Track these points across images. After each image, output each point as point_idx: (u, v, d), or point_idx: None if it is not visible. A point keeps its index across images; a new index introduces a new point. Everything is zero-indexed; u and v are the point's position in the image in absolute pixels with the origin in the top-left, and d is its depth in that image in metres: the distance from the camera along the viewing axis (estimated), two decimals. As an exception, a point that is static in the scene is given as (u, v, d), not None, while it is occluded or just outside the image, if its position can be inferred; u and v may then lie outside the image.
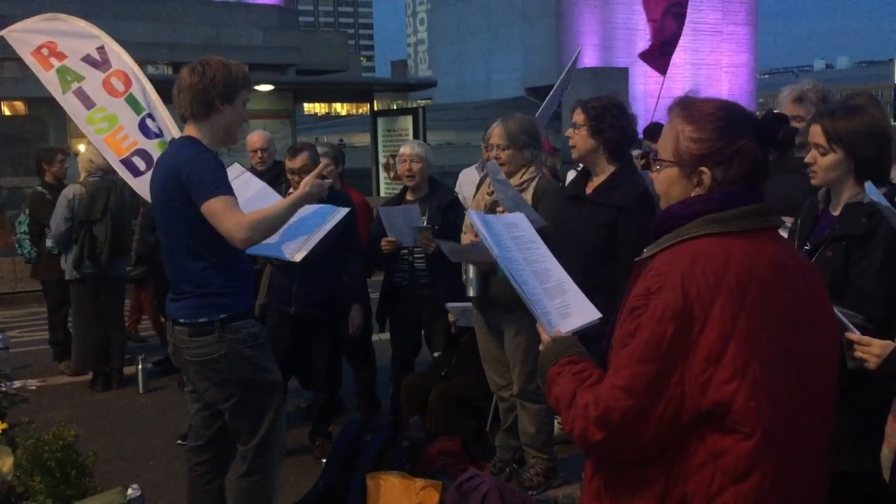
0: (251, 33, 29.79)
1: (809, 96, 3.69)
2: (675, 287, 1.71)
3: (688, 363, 1.69)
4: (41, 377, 6.96)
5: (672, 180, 1.89)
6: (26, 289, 10.17)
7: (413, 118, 13.58)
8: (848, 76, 75.89)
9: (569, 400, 1.82)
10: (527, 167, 4.26)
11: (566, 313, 2.10)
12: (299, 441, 5.09)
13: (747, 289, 1.72)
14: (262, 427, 3.27)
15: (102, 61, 5.15)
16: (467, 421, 4.90)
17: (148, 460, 5.08)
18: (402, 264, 5.13)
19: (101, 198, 6.41)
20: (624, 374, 1.73)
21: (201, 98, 3.15)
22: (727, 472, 1.70)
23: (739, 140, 1.82)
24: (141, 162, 5.08)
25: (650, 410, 1.70)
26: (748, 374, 1.68)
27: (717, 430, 1.70)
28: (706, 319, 1.69)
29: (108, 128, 5.11)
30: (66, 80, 5.13)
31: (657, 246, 1.85)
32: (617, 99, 3.91)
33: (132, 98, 5.17)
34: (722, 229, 1.78)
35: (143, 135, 5.11)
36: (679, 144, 1.85)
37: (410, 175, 5.07)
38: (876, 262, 2.52)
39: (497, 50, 42.94)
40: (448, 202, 5.12)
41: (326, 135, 32.54)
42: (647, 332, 1.71)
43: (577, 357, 1.92)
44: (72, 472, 3.05)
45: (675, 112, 1.90)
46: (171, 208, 3.16)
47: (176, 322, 3.24)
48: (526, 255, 2.25)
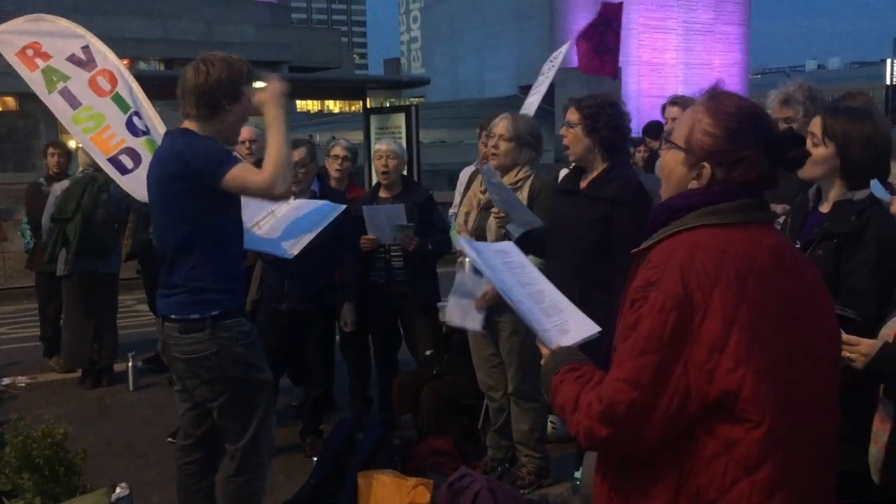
0: (244, 30, 29.73)
1: (796, 97, 3.71)
2: (674, 277, 1.71)
3: (691, 353, 1.69)
4: (31, 374, 6.93)
5: (675, 163, 1.90)
6: (16, 285, 10.14)
7: (406, 116, 13.55)
8: (840, 76, 76.17)
9: (573, 403, 1.80)
10: (522, 166, 4.25)
11: (565, 329, 2.12)
12: (290, 439, 5.08)
13: (746, 279, 1.72)
14: (252, 426, 3.24)
15: (88, 60, 5.13)
16: (459, 420, 4.90)
17: (138, 458, 5.05)
18: (379, 262, 5.12)
19: (74, 196, 6.32)
20: (627, 367, 1.72)
21: (208, 100, 3.11)
22: (740, 462, 1.69)
23: (746, 149, 1.82)
24: (128, 160, 5.07)
25: (655, 402, 1.68)
26: (752, 362, 1.68)
27: (726, 421, 1.70)
28: (707, 308, 1.69)
29: (94, 126, 5.10)
30: (52, 81, 5.11)
31: (655, 238, 1.85)
32: (611, 97, 3.90)
33: (118, 97, 5.16)
34: (720, 221, 1.79)
35: (131, 133, 5.09)
36: (693, 133, 1.86)
37: (386, 172, 5.06)
38: (867, 259, 2.52)
39: (490, 48, 42.98)
40: (424, 200, 5.13)
41: (319, 132, 32.50)
42: (648, 323, 1.71)
43: (578, 364, 1.91)
44: (61, 470, 3.04)
45: (701, 100, 1.91)
46: (170, 201, 3.12)
47: (166, 318, 3.20)
48: (519, 278, 2.29)
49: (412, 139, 12.85)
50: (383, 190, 5.18)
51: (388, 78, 48.36)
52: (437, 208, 5.27)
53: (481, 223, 4.28)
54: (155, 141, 5.09)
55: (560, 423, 5.09)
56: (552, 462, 4.52)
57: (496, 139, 4.25)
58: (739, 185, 1.82)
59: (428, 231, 4.98)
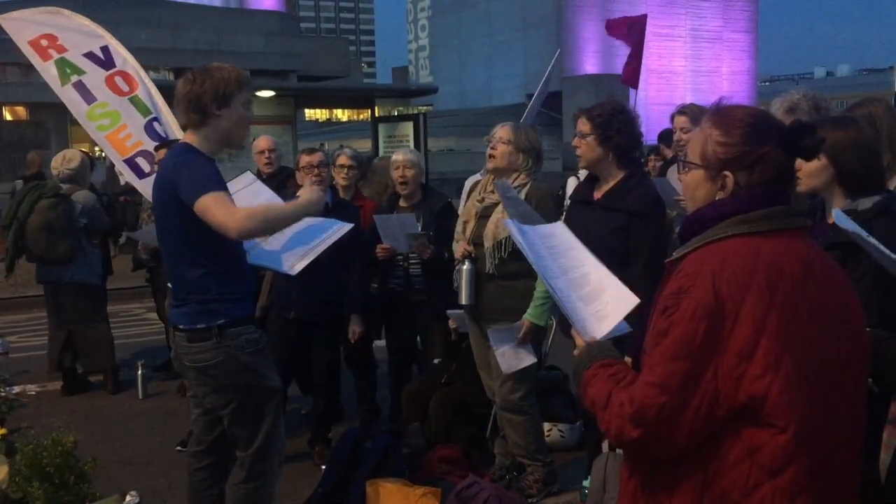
0: (253, 39, 29.86)
1: (801, 106, 3.70)
2: (706, 285, 1.74)
3: (721, 359, 1.72)
4: (40, 382, 6.94)
5: (698, 182, 1.93)
6: (26, 294, 10.18)
7: (414, 124, 13.64)
8: (849, 84, 75.83)
9: (604, 401, 1.84)
10: (519, 173, 4.26)
11: (603, 315, 2.12)
12: (299, 447, 5.08)
13: (776, 287, 1.75)
14: (261, 433, 3.27)
15: (106, 60, 5.06)
16: (467, 428, 4.89)
17: (147, 466, 5.07)
18: (398, 271, 5.13)
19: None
20: (658, 372, 1.75)
21: (195, 105, 3.14)
22: (764, 466, 1.73)
23: (764, 146, 1.85)
24: (145, 164, 5.05)
25: (685, 406, 1.72)
26: (780, 369, 1.71)
27: (752, 425, 1.73)
28: (737, 316, 1.72)
29: (109, 125, 5.02)
30: (66, 73, 5.02)
31: (687, 247, 1.89)
32: (619, 103, 3.91)
33: (138, 100, 5.09)
34: (751, 229, 1.82)
35: (150, 137, 5.06)
36: (706, 148, 1.90)
37: (404, 182, 5.07)
38: (870, 270, 2.52)
39: (498, 56, 43.06)
40: (441, 207, 5.14)
41: (327, 141, 32.59)
42: (679, 330, 1.74)
43: (611, 360, 1.94)
44: (70, 479, 3.04)
45: (706, 116, 1.96)
46: (168, 216, 3.17)
47: (176, 328, 3.25)
48: (563, 262, 2.29)
49: (420, 147, 12.90)
50: (402, 199, 5.19)
51: (396, 87, 48.45)
52: (455, 215, 5.26)
53: (479, 231, 4.29)
54: None
55: (568, 432, 5.08)
56: (560, 471, 4.51)
57: (495, 141, 4.27)
58: (763, 186, 1.85)
59: (445, 239, 4.98)
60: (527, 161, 4.25)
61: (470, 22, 45.26)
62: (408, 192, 5.13)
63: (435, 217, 5.05)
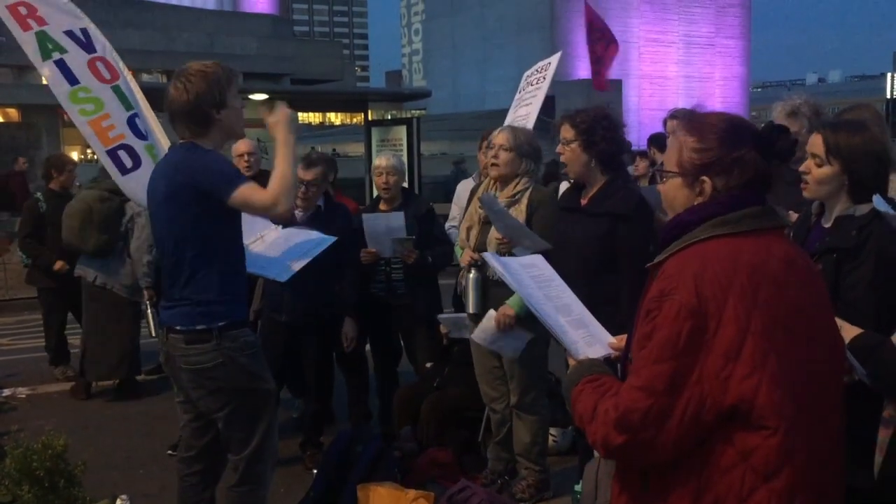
0: (246, 42, 29.85)
1: (803, 110, 3.71)
2: (688, 287, 1.74)
3: (706, 361, 1.71)
4: (31, 385, 6.91)
5: (676, 190, 1.94)
6: (17, 296, 10.14)
7: (407, 128, 13.59)
8: (840, 90, 76.20)
9: (591, 413, 1.83)
10: (521, 177, 4.26)
11: (591, 342, 2.17)
12: (290, 451, 5.06)
13: (759, 286, 1.76)
14: (255, 436, 3.25)
15: (87, 43, 4.89)
16: (459, 432, 4.89)
17: (138, 469, 5.05)
18: (380, 275, 5.12)
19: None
20: (642, 375, 1.75)
21: (196, 117, 3.13)
22: (758, 470, 1.71)
23: (739, 150, 1.86)
24: (127, 158, 4.86)
25: (670, 409, 1.71)
26: (767, 369, 1.71)
27: (743, 429, 1.72)
28: (721, 317, 1.72)
29: (92, 111, 4.82)
30: (47, 48, 4.82)
31: (668, 251, 1.89)
32: (602, 109, 3.88)
33: (119, 90, 4.91)
34: (730, 230, 1.83)
35: (132, 132, 4.87)
36: (682, 155, 1.91)
37: (387, 187, 5.07)
38: (866, 274, 2.52)
39: (491, 60, 43.02)
40: (423, 212, 5.14)
41: (320, 144, 32.58)
42: (663, 332, 1.74)
43: (598, 374, 1.94)
44: (60, 482, 3.03)
45: (679, 124, 1.96)
46: (177, 214, 3.12)
47: (171, 329, 3.20)
48: (546, 292, 2.33)
49: (413, 151, 12.88)
50: (383, 203, 5.18)
51: (389, 90, 48.50)
52: (437, 220, 5.27)
53: (483, 237, 4.27)
54: (154, 147, 5.00)
55: (561, 437, 5.08)
56: (552, 475, 4.51)
57: (496, 149, 4.25)
58: (741, 189, 1.86)
59: (428, 243, 4.99)
60: (528, 165, 4.26)
61: (464, 26, 45.19)
62: (389, 197, 5.13)
63: (418, 221, 5.04)
